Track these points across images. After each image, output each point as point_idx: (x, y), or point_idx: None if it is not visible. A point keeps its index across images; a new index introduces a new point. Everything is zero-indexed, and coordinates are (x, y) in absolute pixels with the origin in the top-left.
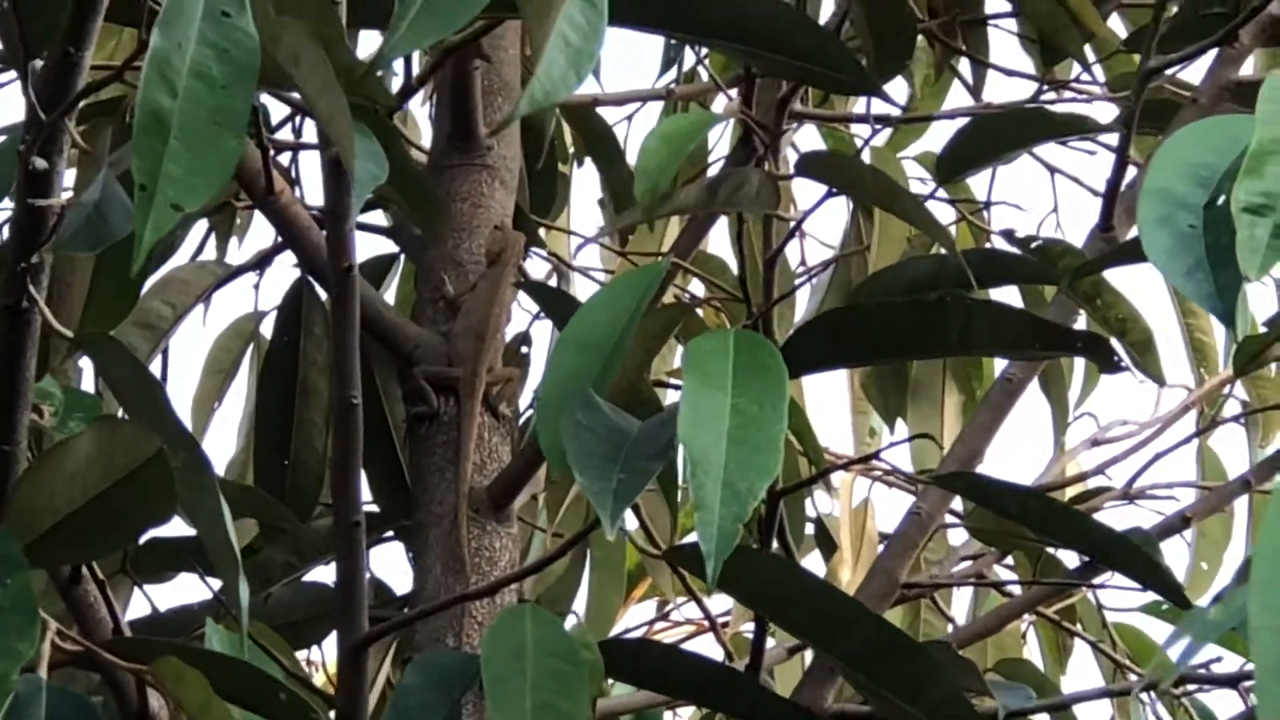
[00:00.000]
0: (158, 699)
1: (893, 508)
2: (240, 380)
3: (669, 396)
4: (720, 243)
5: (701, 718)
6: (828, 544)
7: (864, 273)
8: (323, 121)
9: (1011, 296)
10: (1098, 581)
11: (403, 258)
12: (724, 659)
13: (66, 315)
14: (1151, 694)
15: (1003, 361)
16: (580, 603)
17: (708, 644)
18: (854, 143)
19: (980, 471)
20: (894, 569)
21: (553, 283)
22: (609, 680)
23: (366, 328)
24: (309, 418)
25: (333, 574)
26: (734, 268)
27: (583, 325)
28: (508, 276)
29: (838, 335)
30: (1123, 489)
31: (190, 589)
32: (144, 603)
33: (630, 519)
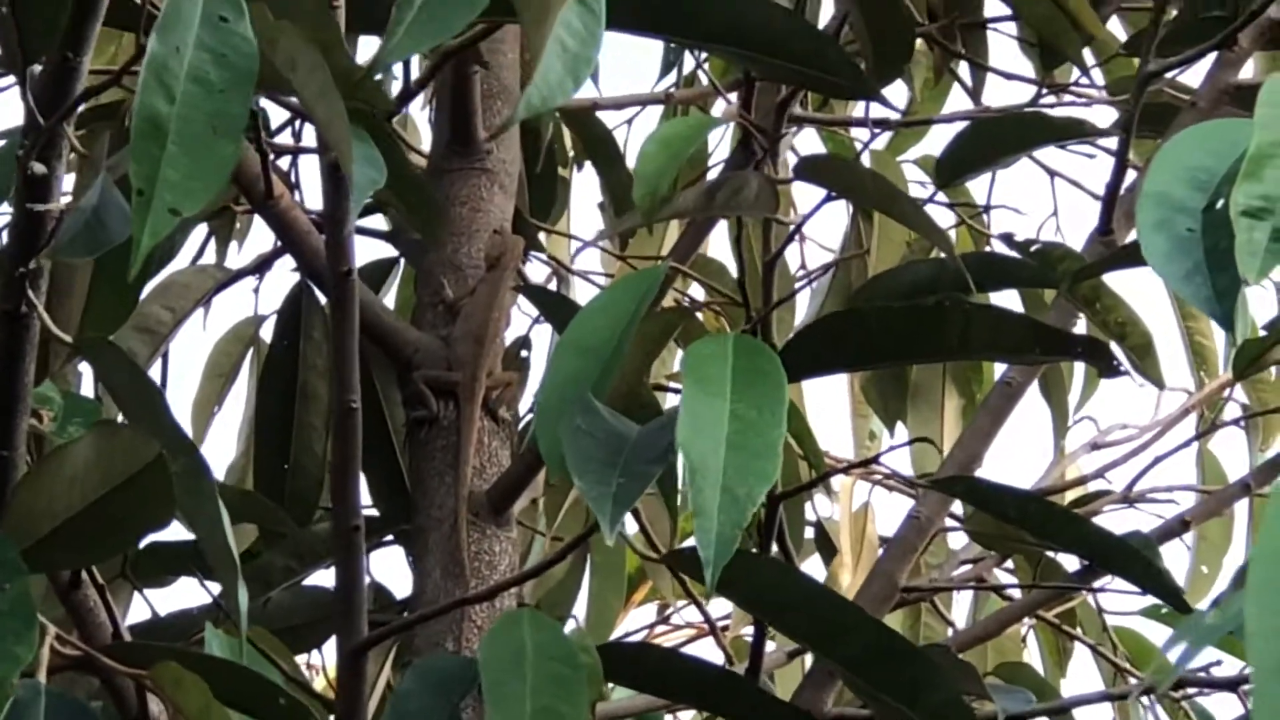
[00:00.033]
0: (157, 704)
1: (893, 511)
2: (240, 384)
3: (669, 400)
4: (720, 246)
5: None
6: (828, 548)
7: (864, 276)
8: (321, 126)
9: (1012, 300)
10: (1097, 585)
11: (403, 262)
12: (724, 663)
13: (66, 320)
14: (1151, 697)
15: (1003, 365)
16: (581, 607)
17: (708, 647)
18: (854, 146)
19: (979, 475)
20: (893, 572)
21: (553, 286)
22: (609, 684)
23: (366, 332)
24: (309, 422)
25: (333, 578)
26: (734, 271)
27: (582, 329)
28: (507, 280)
29: (836, 340)
30: (1122, 492)
31: (190, 593)
32: (144, 607)
33: (630, 523)
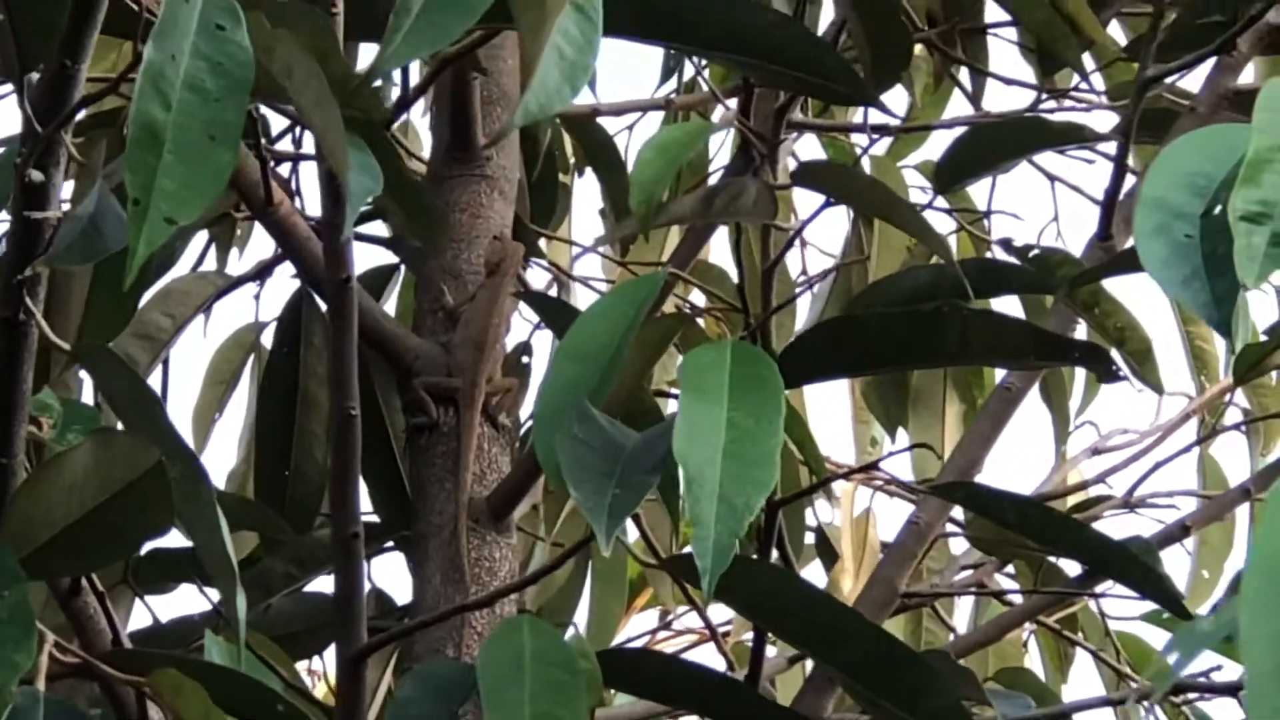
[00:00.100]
0: (158, 711)
1: (895, 517)
2: (241, 391)
3: (670, 406)
4: (721, 252)
5: None
6: (829, 553)
7: (865, 282)
8: (317, 135)
9: (1013, 306)
10: (1098, 590)
11: (403, 268)
12: (725, 668)
13: (65, 327)
14: (1151, 702)
15: (1003, 370)
16: (583, 612)
17: (710, 653)
18: (854, 152)
19: (979, 481)
20: (893, 578)
21: (553, 292)
22: (610, 690)
23: (365, 338)
24: (309, 428)
25: (333, 585)
26: (735, 277)
27: (580, 336)
28: (507, 287)
29: (835, 345)
30: (1123, 497)
31: (193, 599)
32: (146, 614)
33: (631, 529)
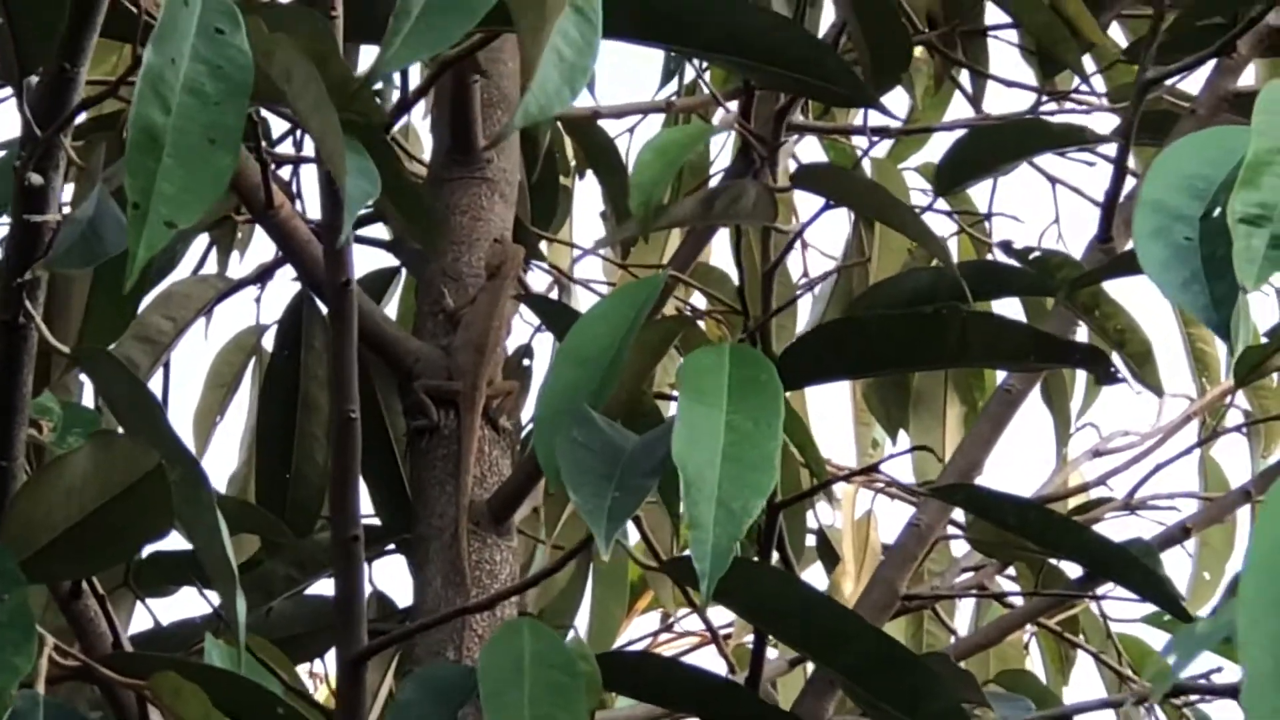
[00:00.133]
0: (158, 714)
1: (896, 520)
2: (243, 394)
3: (671, 408)
4: (722, 254)
5: None
6: (830, 556)
7: (866, 284)
8: (315, 138)
9: (1014, 308)
10: (1099, 592)
11: (405, 271)
12: (726, 671)
13: (66, 331)
14: (1154, 705)
15: (1003, 372)
16: (584, 615)
17: (712, 656)
18: (855, 154)
19: (979, 483)
20: (894, 580)
21: (554, 295)
22: (611, 693)
23: (366, 341)
24: (310, 431)
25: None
26: (736, 280)
27: (581, 339)
28: (507, 289)
29: (835, 347)
30: (1124, 499)
31: (194, 602)
32: (148, 616)
33: (633, 532)
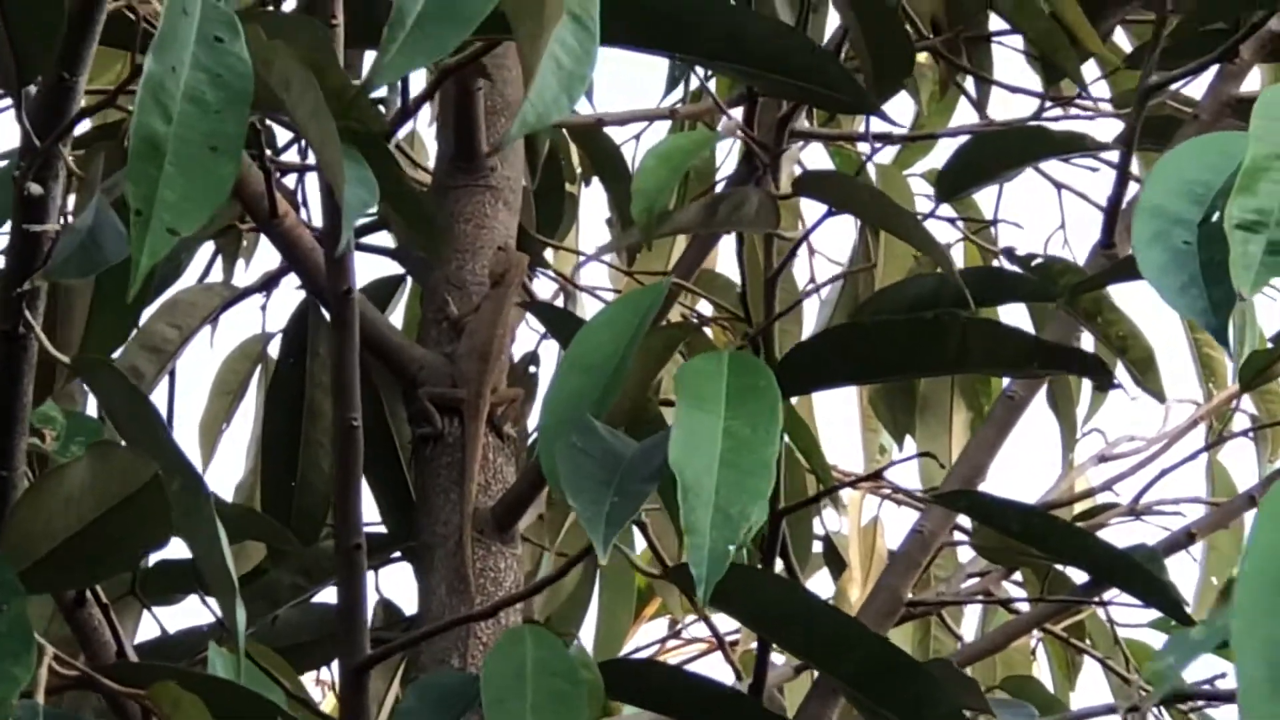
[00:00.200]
0: None
1: (903, 526)
2: (249, 402)
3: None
4: (728, 261)
5: None
6: (836, 562)
7: (872, 290)
8: (314, 147)
9: (1020, 314)
10: (1106, 598)
11: (410, 279)
12: (733, 677)
13: (69, 340)
14: (1161, 709)
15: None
16: (591, 622)
17: (719, 662)
18: (861, 160)
19: (982, 489)
20: (898, 587)
21: (560, 302)
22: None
23: (370, 349)
24: (315, 439)
25: None
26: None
27: (584, 346)
28: (511, 297)
29: (836, 353)
30: (1129, 505)
31: (203, 610)
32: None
33: (639, 538)
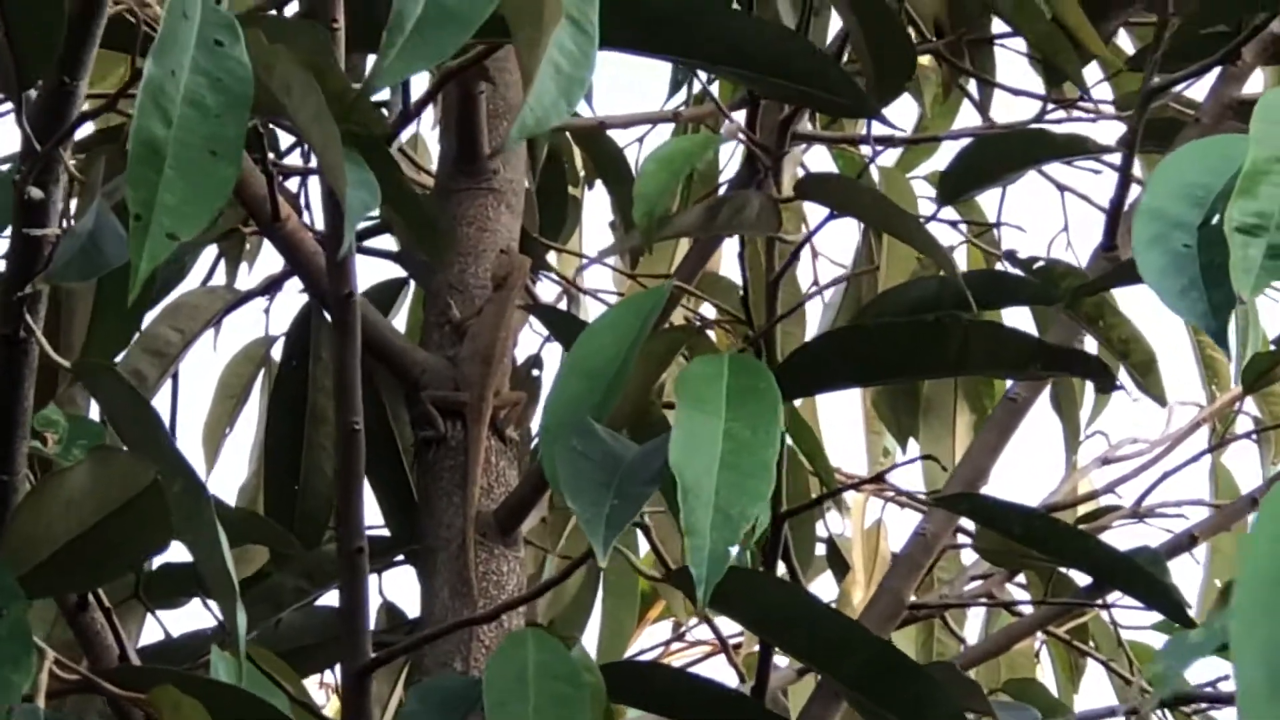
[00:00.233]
0: None
1: (908, 528)
2: (252, 405)
3: None
4: (732, 263)
5: None
6: (840, 565)
7: (875, 293)
8: (316, 150)
9: (1024, 317)
10: (1109, 600)
11: (413, 282)
12: (737, 679)
13: (71, 344)
14: (1166, 712)
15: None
16: (595, 625)
17: (724, 665)
18: (864, 163)
19: (984, 492)
20: (900, 590)
21: (563, 305)
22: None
23: (372, 352)
24: (319, 442)
25: None
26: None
27: (586, 350)
28: (514, 300)
29: (837, 356)
30: (1131, 507)
31: (208, 613)
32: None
33: (642, 542)
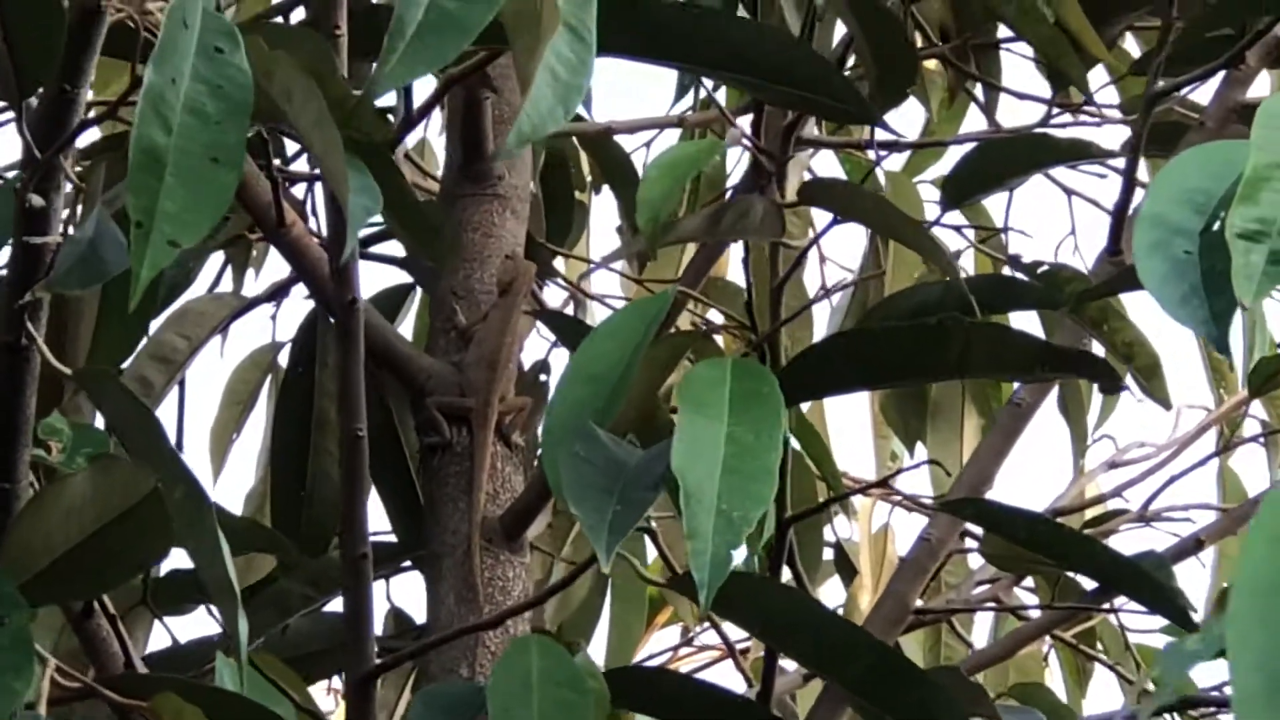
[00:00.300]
0: None
1: (915, 533)
2: (259, 411)
3: None
4: (738, 268)
5: None
6: (848, 569)
7: (881, 297)
8: (317, 157)
9: (1032, 321)
10: (1116, 604)
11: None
12: (744, 684)
13: (76, 352)
14: (1175, 715)
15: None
16: (603, 630)
17: (732, 670)
18: (870, 167)
19: (989, 497)
20: (905, 594)
21: (570, 310)
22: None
23: (377, 359)
24: (325, 449)
25: None
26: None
27: (590, 355)
28: (519, 306)
29: (839, 359)
30: (1138, 511)
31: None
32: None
33: (650, 547)
